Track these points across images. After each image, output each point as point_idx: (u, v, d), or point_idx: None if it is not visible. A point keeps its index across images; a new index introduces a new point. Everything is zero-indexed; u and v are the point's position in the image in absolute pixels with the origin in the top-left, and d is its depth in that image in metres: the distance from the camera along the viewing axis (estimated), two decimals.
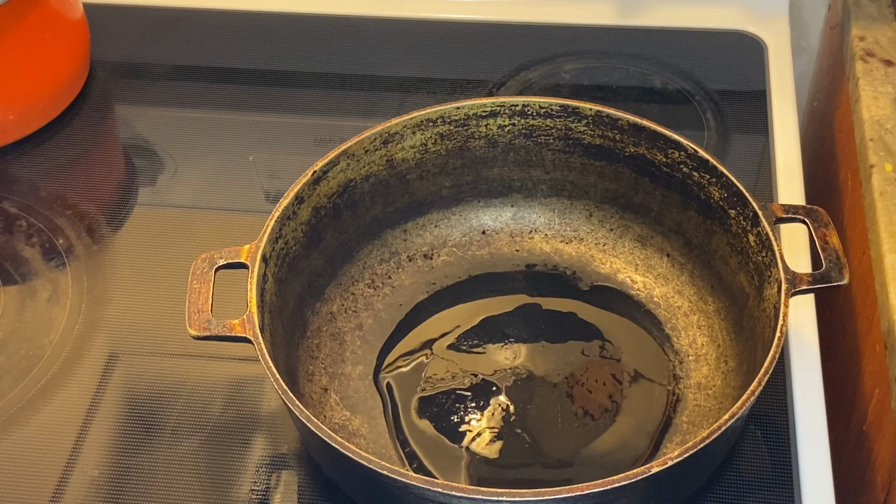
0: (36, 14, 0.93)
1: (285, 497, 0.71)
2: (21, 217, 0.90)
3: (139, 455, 0.74)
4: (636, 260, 0.83)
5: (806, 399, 0.74)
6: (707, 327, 0.78)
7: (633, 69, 1.02)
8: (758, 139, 0.94)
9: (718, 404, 0.73)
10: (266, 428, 0.75)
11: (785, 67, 1.00)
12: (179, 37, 1.08)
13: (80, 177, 0.94)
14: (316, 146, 0.96)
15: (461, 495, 0.60)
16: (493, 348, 0.78)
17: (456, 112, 0.81)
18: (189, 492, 0.72)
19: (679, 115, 0.97)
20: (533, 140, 0.82)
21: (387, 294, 0.82)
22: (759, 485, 0.70)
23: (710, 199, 0.76)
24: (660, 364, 0.77)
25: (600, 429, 0.74)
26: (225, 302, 0.71)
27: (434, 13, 1.08)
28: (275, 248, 0.73)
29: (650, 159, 0.79)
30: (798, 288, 0.69)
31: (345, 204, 0.80)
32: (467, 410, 0.75)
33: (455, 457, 0.72)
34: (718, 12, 1.06)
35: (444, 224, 0.85)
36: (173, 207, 0.92)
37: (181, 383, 0.78)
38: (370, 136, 0.79)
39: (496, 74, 1.01)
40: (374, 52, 1.05)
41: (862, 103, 0.87)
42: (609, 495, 0.60)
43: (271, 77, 1.04)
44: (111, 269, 0.86)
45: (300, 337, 0.76)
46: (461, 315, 0.81)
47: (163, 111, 1.01)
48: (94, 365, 0.80)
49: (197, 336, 0.68)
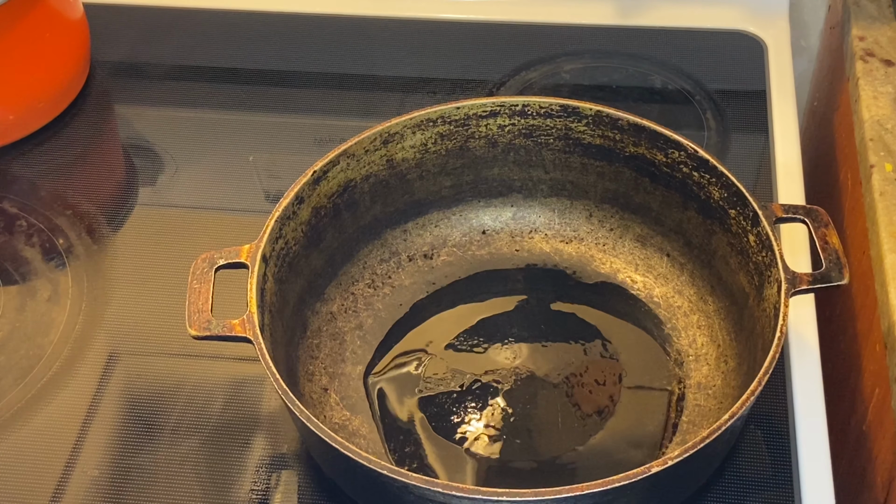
0: (36, 14, 0.93)
1: (285, 497, 0.71)
2: (21, 217, 0.90)
3: (139, 455, 0.74)
4: (636, 260, 0.83)
5: (806, 399, 0.74)
6: (707, 327, 0.78)
7: (633, 69, 1.02)
8: (758, 139, 0.94)
9: (718, 404, 0.73)
10: (266, 428, 0.75)
11: (785, 67, 1.00)
12: (179, 37, 1.08)
13: (80, 177, 0.94)
14: (316, 146, 0.96)
15: (461, 495, 0.60)
16: (493, 348, 0.78)
17: (456, 112, 0.81)
18: (189, 492, 0.72)
19: (679, 115, 0.97)
20: (533, 140, 0.82)
21: (387, 294, 0.82)
22: (759, 485, 0.70)
23: (710, 199, 0.76)
24: (660, 364, 0.77)
25: (600, 429, 0.74)
26: (225, 302, 0.71)
27: (434, 13, 1.08)
28: (275, 248, 0.73)
29: (650, 159, 0.79)
30: (798, 288, 0.69)
31: (345, 204, 0.80)
32: (467, 410, 0.75)
33: (455, 457, 0.72)
34: (718, 12, 1.06)
35: (444, 224, 0.85)
36: (173, 207, 0.92)
37: (181, 383, 0.78)
38: (370, 136, 0.79)
39: (496, 74, 1.01)
40: (374, 52, 1.05)
41: (862, 103, 0.87)
42: (609, 495, 0.60)
43: (271, 77, 1.04)
44: (111, 269, 0.86)
45: (300, 337, 0.76)
46: (461, 315, 0.81)
47: (163, 111, 1.01)
48: (94, 365, 0.80)
49: (197, 336, 0.68)
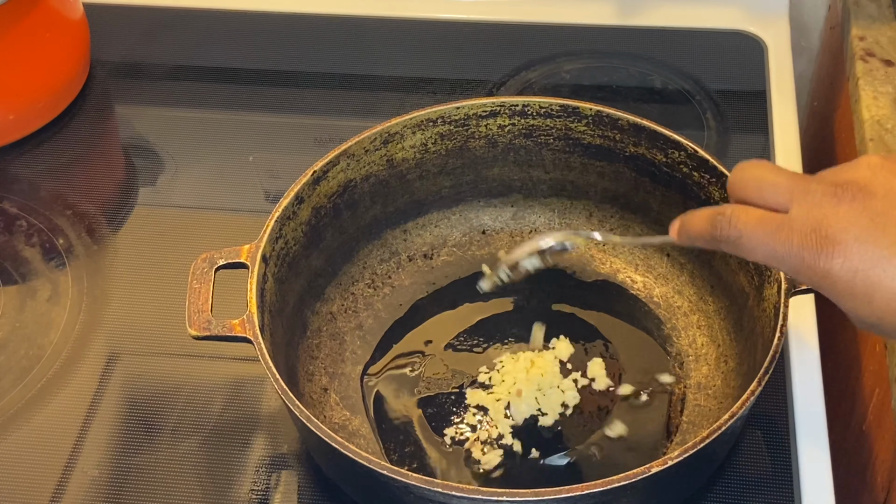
0: (36, 14, 0.93)
1: (285, 497, 0.71)
2: (21, 217, 0.90)
3: (139, 455, 0.74)
4: (636, 260, 0.83)
5: (806, 399, 0.74)
6: (707, 327, 0.78)
7: (633, 69, 1.02)
8: (758, 139, 0.94)
9: (718, 404, 0.73)
10: (266, 428, 0.75)
11: (785, 67, 1.00)
12: (179, 37, 1.08)
13: (80, 177, 0.94)
14: (316, 146, 0.96)
15: (461, 495, 0.60)
16: (493, 348, 0.78)
17: (456, 112, 0.81)
18: (189, 492, 0.72)
19: (679, 115, 0.97)
20: (533, 140, 0.82)
21: (387, 294, 0.82)
22: (759, 485, 0.70)
23: (710, 199, 0.76)
24: (660, 364, 0.77)
25: (599, 429, 0.74)
26: (225, 302, 0.71)
27: (434, 13, 1.08)
28: (275, 248, 0.73)
29: (650, 159, 0.79)
30: (798, 288, 0.69)
31: (345, 204, 0.80)
32: (466, 410, 0.75)
33: (454, 456, 0.72)
34: (718, 12, 1.06)
35: (444, 224, 0.85)
36: (173, 207, 0.92)
37: (181, 383, 0.78)
38: (370, 136, 0.79)
39: (496, 74, 1.01)
40: (374, 52, 1.05)
41: (862, 103, 0.87)
42: (609, 495, 0.60)
43: (271, 77, 1.04)
44: (111, 269, 0.86)
45: (300, 337, 0.76)
46: (461, 315, 0.81)
47: (163, 111, 1.01)
48: (94, 365, 0.80)
49: (197, 336, 0.68)
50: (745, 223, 0.56)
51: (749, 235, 0.56)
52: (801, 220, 0.54)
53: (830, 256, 0.53)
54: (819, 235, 0.53)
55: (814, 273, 0.54)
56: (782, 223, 0.54)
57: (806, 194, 0.54)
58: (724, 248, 0.57)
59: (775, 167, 0.58)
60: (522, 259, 0.69)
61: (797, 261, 0.54)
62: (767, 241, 0.55)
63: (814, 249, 0.53)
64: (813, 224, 0.53)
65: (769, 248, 0.55)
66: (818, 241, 0.53)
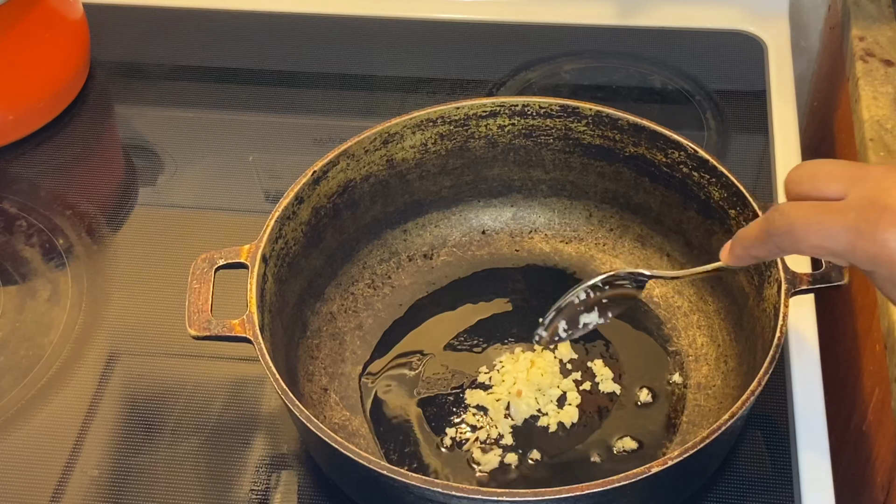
0: (36, 14, 0.93)
1: (285, 497, 0.71)
2: (21, 217, 0.90)
3: (139, 455, 0.74)
4: (636, 260, 0.83)
5: (806, 399, 0.74)
6: (707, 327, 0.78)
7: (633, 69, 1.02)
8: (758, 139, 0.94)
9: (718, 404, 0.73)
10: (266, 428, 0.75)
11: (785, 67, 1.00)
12: (179, 37, 1.08)
13: (80, 177, 0.94)
14: (316, 146, 0.96)
15: (461, 495, 0.60)
16: (493, 348, 0.78)
17: (456, 112, 0.81)
18: (189, 492, 0.72)
19: (679, 115, 0.97)
20: (533, 140, 0.82)
21: (387, 294, 0.82)
22: (759, 485, 0.70)
23: (710, 199, 0.76)
24: (660, 364, 0.77)
25: (599, 428, 0.74)
26: (225, 302, 0.71)
27: (434, 13, 1.08)
28: (275, 248, 0.73)
29: (650, 159, 0.79)
30: (798, 288, 0.69)
31: (345, 204, 0.80)
32: (466, 410, 0.75)
33: (454, 457, 0.72)
34: (718, 12, 1.06)
35: (444, 224, 0.85)
36: (173, 207, 0.92)
37: (181, 383, 0.78)
38: (370, 136, 0.79)
39: (496, 74, 1.01)
40: (374, 52, 1.05)
41: (862, 103, 0.87)
42: (609, 495, 0.60)
43: (271, 77, 1.04)
44: (111, 269, 0.86)
45: (300, 337, 0.76)
46: (460, 315, 0.81)
47: (163, 111, 1.01)
48: (94, 365, 0.80)
49: (197, 336, 0.68)
50: (798, 209, 0.54)
51: (802, 219, 0.53)
52: (858, 198, 0.52)
53: (889, 226, 0.50)
54: (877, 206, 0.51)
55: (871, 245, 0.51)
56: (838, 205, 0.52)
57: (865, 179, 0.53)
58: (779, 245, 0.55)
59: (833, 160, 0.56)
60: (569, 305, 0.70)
61: (853, 234, 0.51)
62: (820, 219, 0.52)
63: (871, 220, 0.51)
64: (872, 197, 0.51)
65: (822, 227, 0.52)
66: (876, 212, 0.51)
